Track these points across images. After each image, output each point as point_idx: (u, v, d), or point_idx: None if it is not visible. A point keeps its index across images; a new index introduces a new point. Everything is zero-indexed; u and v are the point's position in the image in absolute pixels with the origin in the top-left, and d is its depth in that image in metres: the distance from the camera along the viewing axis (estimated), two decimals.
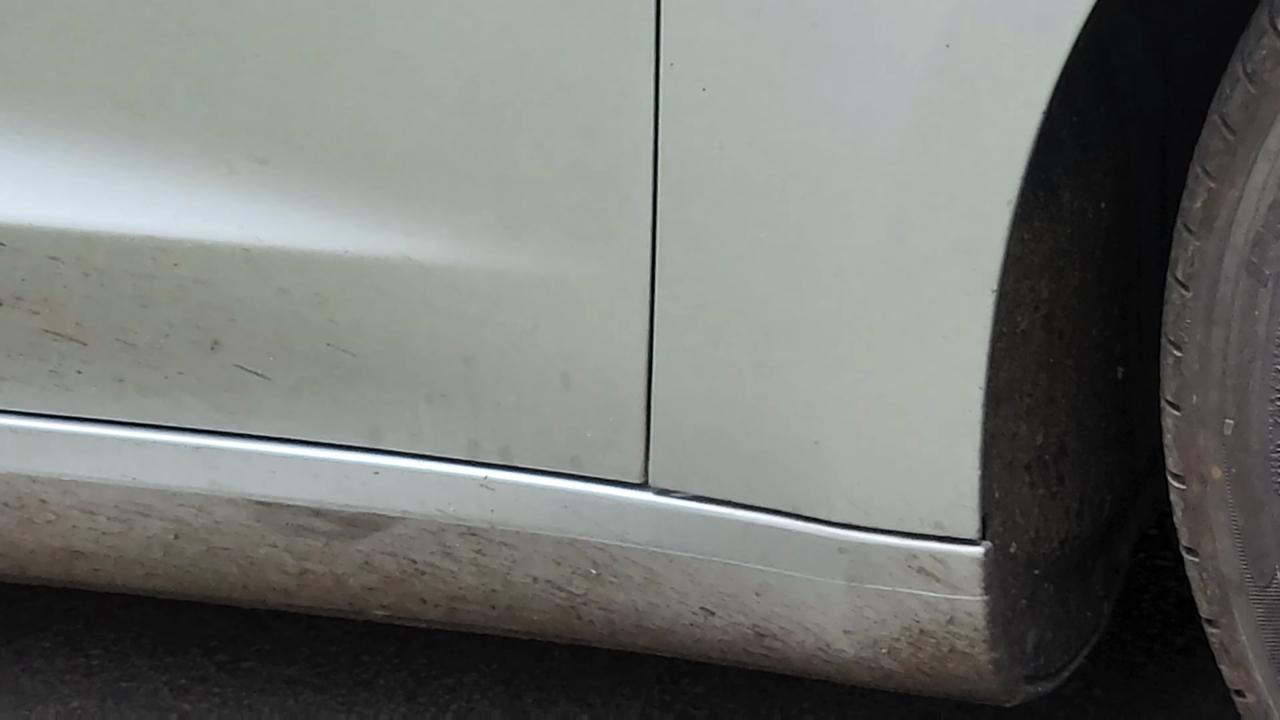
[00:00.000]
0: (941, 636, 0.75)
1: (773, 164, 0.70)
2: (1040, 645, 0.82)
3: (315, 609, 0.85)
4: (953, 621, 0.73)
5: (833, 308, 0.72)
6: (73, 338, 0.74)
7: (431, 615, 0.84)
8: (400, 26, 0.79)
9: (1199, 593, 0.69)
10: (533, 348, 0.76)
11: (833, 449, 0.74)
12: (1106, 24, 0.63)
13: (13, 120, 0.75)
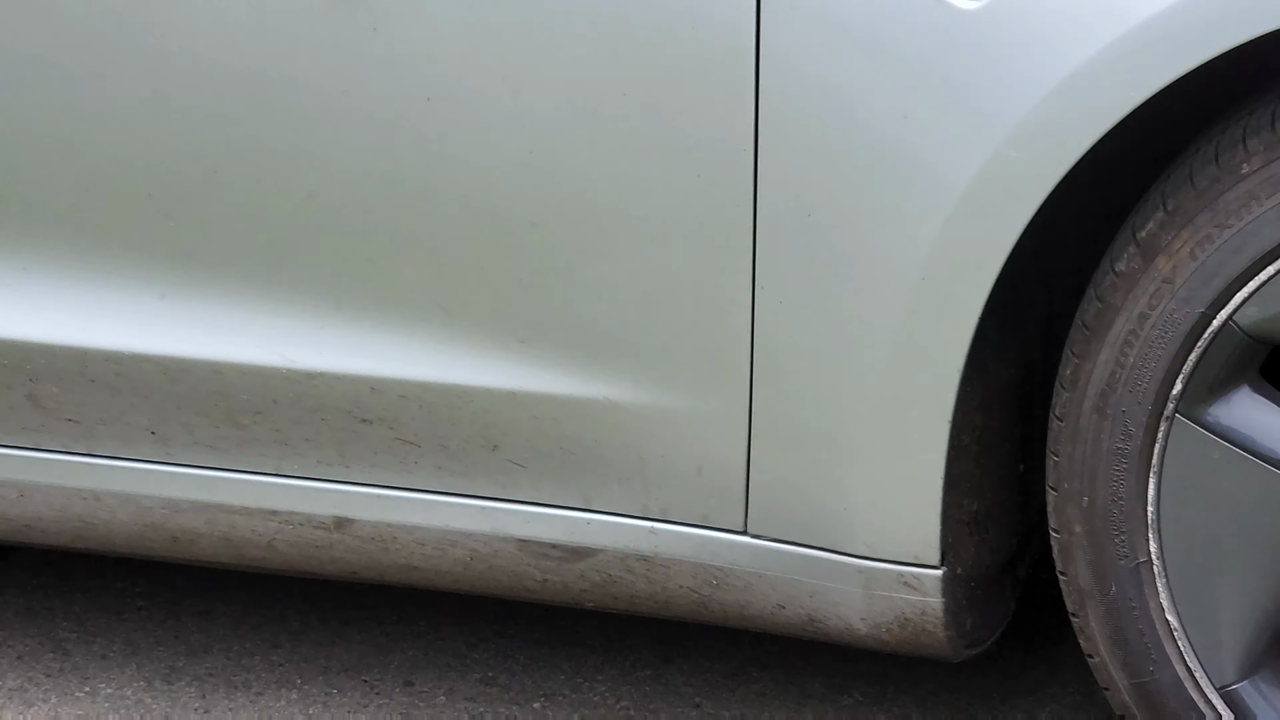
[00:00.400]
0: (918, 622, 1.10)
1: (815, 345, 1.04)
2: (974, 626, 1.16)
3: (551, 603, 1.28)
4: (924, 614, 1.10)
5: (852, 431, 1.08)
6: (412, 443, 1.24)
7: (620, 606, 1.24)
8: (616, 258, 1.17)
9: (1067, 598, 1.06)
10: (679, 452, 1.12)
11: (855, 514, 1.08)
12: (1014, 268, 0.98)
13: (400, 324, 1.25)
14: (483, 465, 1.25)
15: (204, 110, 1.24)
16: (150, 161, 1.30)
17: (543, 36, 1.12)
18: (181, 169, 1.29)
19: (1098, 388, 0.99)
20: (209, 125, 1.25)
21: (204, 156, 1.26)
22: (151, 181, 1.30)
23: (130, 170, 1.32)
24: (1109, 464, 1.02)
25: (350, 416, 1.31)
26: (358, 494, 1.34)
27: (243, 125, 1.24)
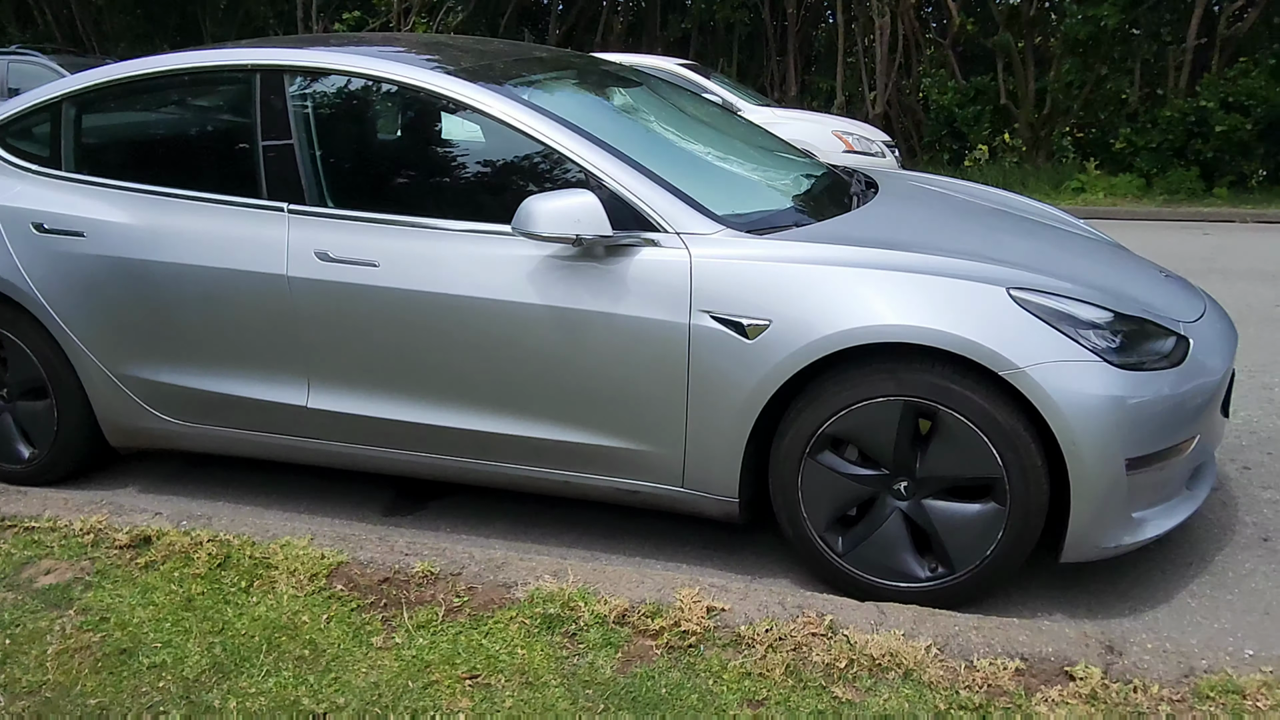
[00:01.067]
0: (734, 510, 2.83)
1: (706, 420, 2.74)
2: (745, 512, 2.92)
3: (600, 500, 3.14)
4: (735, 509, 2.83)
5: (716, 451, 2.74)
6: (535, 451, 3.02)
7: (630, 504, 3.10)
8: (633, 396, 2.81)
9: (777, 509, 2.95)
10: (650, 468, 2.84)
11: (718, 478, 2.77)
12: (771, 403, 2.82)
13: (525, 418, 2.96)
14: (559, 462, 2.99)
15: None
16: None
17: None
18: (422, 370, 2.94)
19: (789, 440, 2.77)
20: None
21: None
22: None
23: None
24: (788, 468, 2.77)
25: (521, 446, 2.96)
26: (509, 468, 3.02)
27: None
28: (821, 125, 8.68)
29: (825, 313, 2.64)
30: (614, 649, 2.56)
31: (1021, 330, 2.55)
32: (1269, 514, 3.31)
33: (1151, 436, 2.60)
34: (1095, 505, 2.58)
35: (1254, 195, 11.20)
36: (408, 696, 2.41)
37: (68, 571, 2.97)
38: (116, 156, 3.44)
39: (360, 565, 2.92)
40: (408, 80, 3.07)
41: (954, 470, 2.65)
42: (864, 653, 2.46)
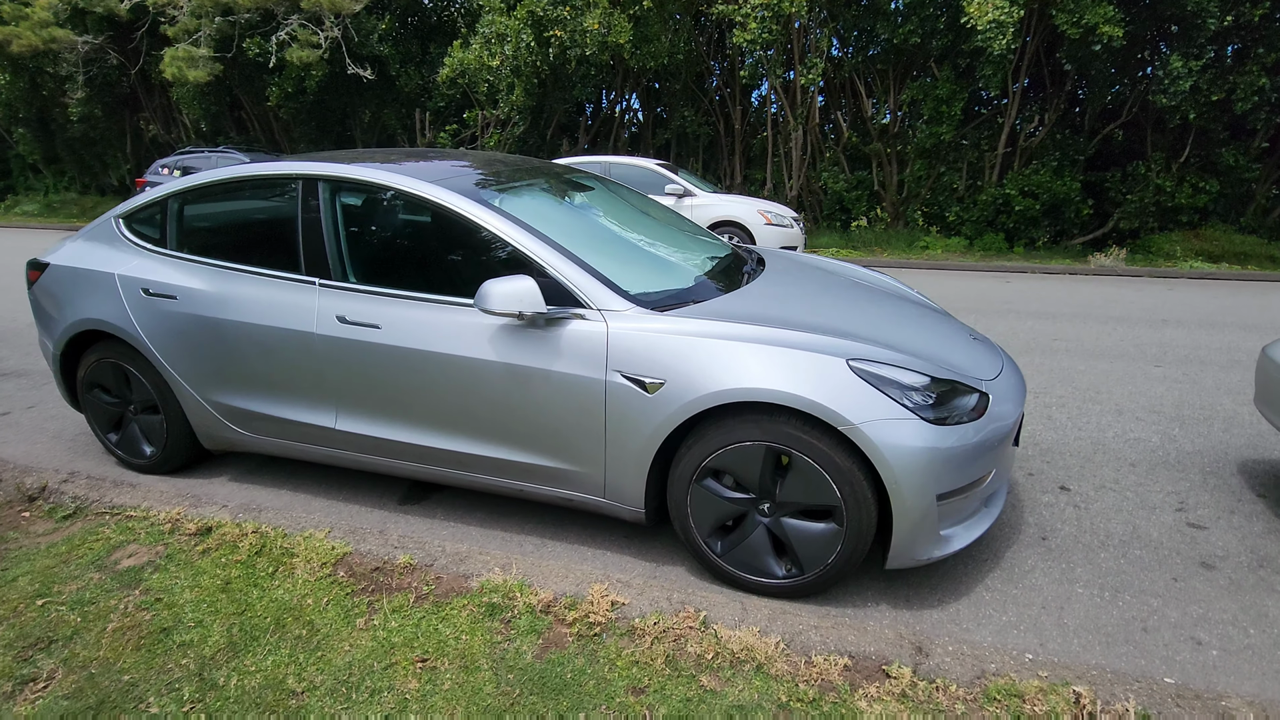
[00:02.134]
0: (637, 517, 2.43)
1: (621, 447, 2.32)
2: (655, 518, 2.55)
3: (545, 503, 2.66)
4: (639, 520, 2.41)
5: (627, 470, 2.25)
6: (497, 466, 2.55)
7: (567, 507, 2.64)
8: (570, 431, 2.37)
9: (674, 518, 2.50)
10: (578, 482, 2.37)
11: (628, 491, 2.30)
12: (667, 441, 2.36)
13: (488, 443, 2.56)
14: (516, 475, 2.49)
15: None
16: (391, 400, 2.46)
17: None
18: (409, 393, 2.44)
19: (681, 469, 2.31)
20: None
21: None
22: (376, 397, 2.47)
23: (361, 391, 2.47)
24: (681, 489, 2.31)
25: (486, 463, 2.47)
26: (480, 477, 2.54)
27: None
28: (749, 205, 8.10)
29: (707, 375, 2.16)
30: (537, 635, 2.08)
31: (856, 394, 2.05)
32: (1046, 515, 2.79)
33: (957, 475, 2.11)
34: (912, 528, 2.09)
35: (1040, 253, 10.64)
36: (371, 677, 1.95)
37: (145, 555, 2.51)
38: (202, 240, 2.95)
39: (360, 556, 2.45)
40: (403, 188, 2.58)
41: (804, 498, 2.16)
42: (727, 646, 1.98)
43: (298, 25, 11.67)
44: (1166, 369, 4.58)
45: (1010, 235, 11.43)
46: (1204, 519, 2.74)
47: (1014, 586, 2.35)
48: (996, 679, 1.84)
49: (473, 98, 12.78)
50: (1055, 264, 9.35)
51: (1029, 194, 11.05)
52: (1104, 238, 11.27)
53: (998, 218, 11.46)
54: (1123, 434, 3.54)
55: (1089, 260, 9.45)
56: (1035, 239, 11.37)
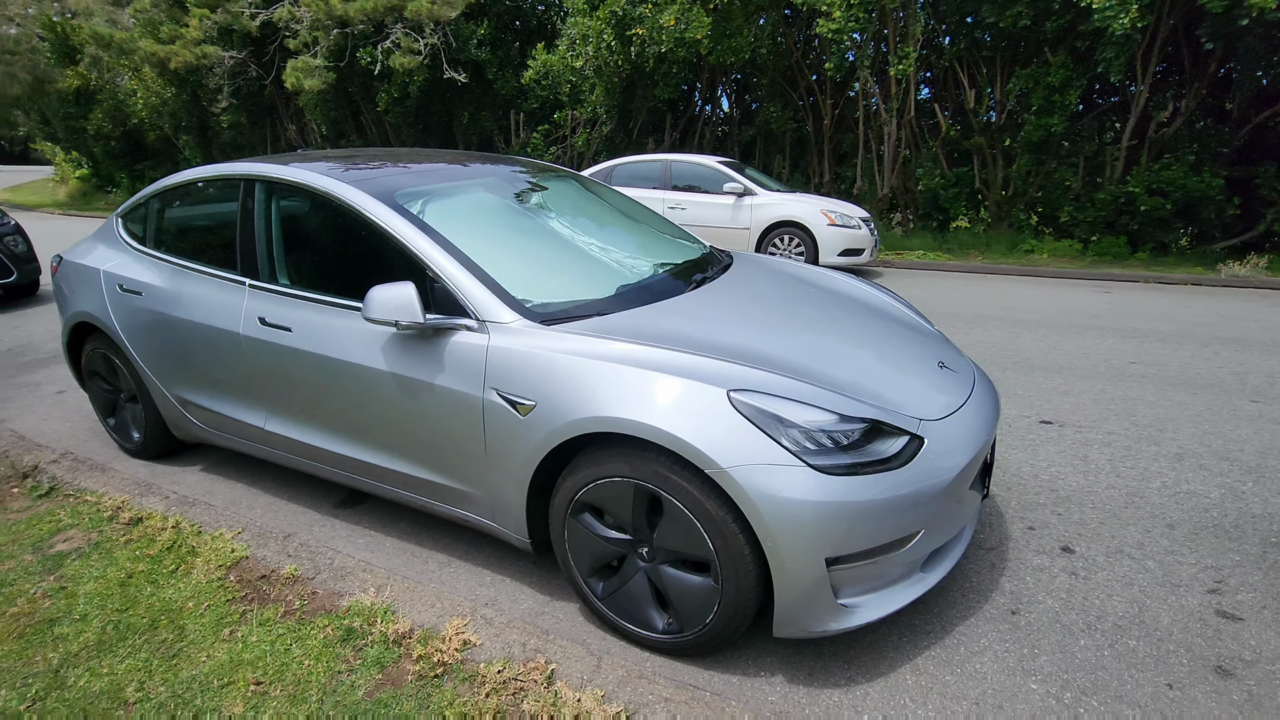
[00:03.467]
0: (524, 546, 2.19)
1: (502, 469, 2.10)
2: (540, 548, 2.23)
3: (450, 522, 2.50)
4: (527, 549, 2.21)
5: (509, 494, 2.04)
6: (399, 479, 2.40)
7: (462, 526, 2.44)
8: (452, 448, 2.19)
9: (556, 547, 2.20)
10: (470, 502, 2.18)
11: (511, 516, 2.07)
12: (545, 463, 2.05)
13: (384, 452, 2.42)
14: (410, 488, 2.34)
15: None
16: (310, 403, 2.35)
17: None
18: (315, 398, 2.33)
19: (558, 501, 2.03)
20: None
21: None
22: (295, 401, 2.36)
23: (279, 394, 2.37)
24: (559, 522, 2.02)
25: (391, 475, 2.31)
26: (389, 489, 2.39)
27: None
28: (812, 205, 7.54)
29: (575, 400, 1.90)
30: (380, 669, 1.92)
31: (731, 431, 1.72)
32: (1030, 583, 2.28)
33: (859, 536, 1.72)
34: (796, 595, 1.73)
35: (1169, 260, 9.22)
36: (205, 695, 1.86)
37: (78, 541, 2.58)
38: (170, 238, 3.03)
39: (254, 561, 2.39)
40: (320, 188, 2.50)
41: (677, 546, 1.85)
42: (562, 709, 1.72)
43: (401, 34, 12.22)
44: (1265, 406, 3.73)
45: (1135, 239, 10.00)
46: (1241, 607, 2.13)
47: (950, 672, 1.91)
48: None
49: (558, 98, 12.87)
50: (1179, 273, 8.05)
51: (1157, 192, 9.60)
52: (1254, 242, 9.61)
53: (1119, 219, 10.06)
54: (1173, 485, 2.88)
55: (1218, 269, 8.06)
56: (1167, 243, 9.87)
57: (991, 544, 2.48)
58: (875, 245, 7.94)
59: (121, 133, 19.56)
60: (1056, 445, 3.25)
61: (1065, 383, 4.12)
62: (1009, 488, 2.87)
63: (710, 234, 7.98)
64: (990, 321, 5.64)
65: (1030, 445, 3.26)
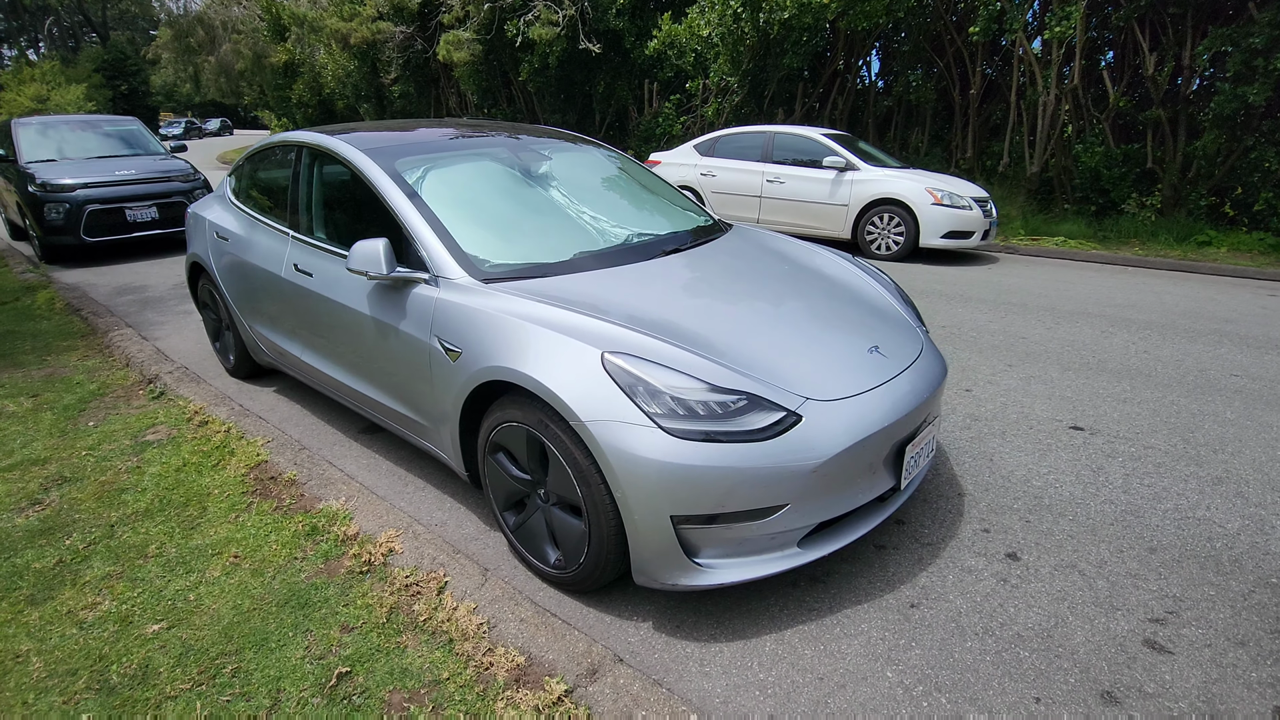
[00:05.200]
0: (465, 476, 2.48)
1: (441, 403, 2.42)
2: (475, 480, 2.50)
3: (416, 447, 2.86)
4: (470, 480, 2.48)
5: (450, 434, 2.42)
6: (378, 406, 2.78)
7: (428, 454, 2.80)
8: (418, 386, 2.55)
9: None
10: (429, 434, 2.55)
11: (449, 449, 2.45)
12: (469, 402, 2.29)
13: (366, 382, 2.82)
14: (392, 419, 2.69)
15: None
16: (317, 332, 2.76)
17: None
18: (326, 334, 2.74)
19: (480, 440, 2.28)
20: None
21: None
22: (317, 337, 2.77)
23: (308, 330, 2.80)
24: (481, 458, 2.29)
25: (378, 406, 2.69)
26: (381, 419, 2.76)
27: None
28: (918, 182, 7.07)
29: (486, 350, 2.14)
30: (324, 560, 2.32)
31: (597, 389, 1.88)
32: (949, 582, 2.21)
33: (703, 500, 1.82)
34: (649, 547, 1.88)
35: None
36: (199, 559, 2.36)
37: (163, 433, 3.25)
38: (249, 194, 3.60)
39: (270, 465, 2.89)
40: (340, 154, 2.90)
41: (559, 490, 2.05)
42: (439, 613, 2.02)
43: (542, 6, 12.79)
44: None
45: None
46: (1178, 642, 1.94)
47: (812, 647, 1.95)
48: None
49: (677, 66, 12.86)
50: None
51: None
52: None
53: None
54: (1187, 509, 2.58)
55: None
56: None
57: (930, 539, 2.41)
58: (992, 228, 7.32)
59: (317, 101, 22.21)
60: (1071, 453, 2.99)
61: (1131, 389, 3.70)
62: (987, 488, 2.72)
63: (806, 211, 7.76)
64: (1088, 318, 5.08)
65: (1041, 450, 3.03)
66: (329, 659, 1.88)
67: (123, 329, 4.76)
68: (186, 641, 1.96)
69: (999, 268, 7.19)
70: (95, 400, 3.64)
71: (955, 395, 3.62)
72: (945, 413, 3.40)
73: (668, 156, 9.00)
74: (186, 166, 7.81)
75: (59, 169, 7.24)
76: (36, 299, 5.70)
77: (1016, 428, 3.24)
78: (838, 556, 2.31)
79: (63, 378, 3.97)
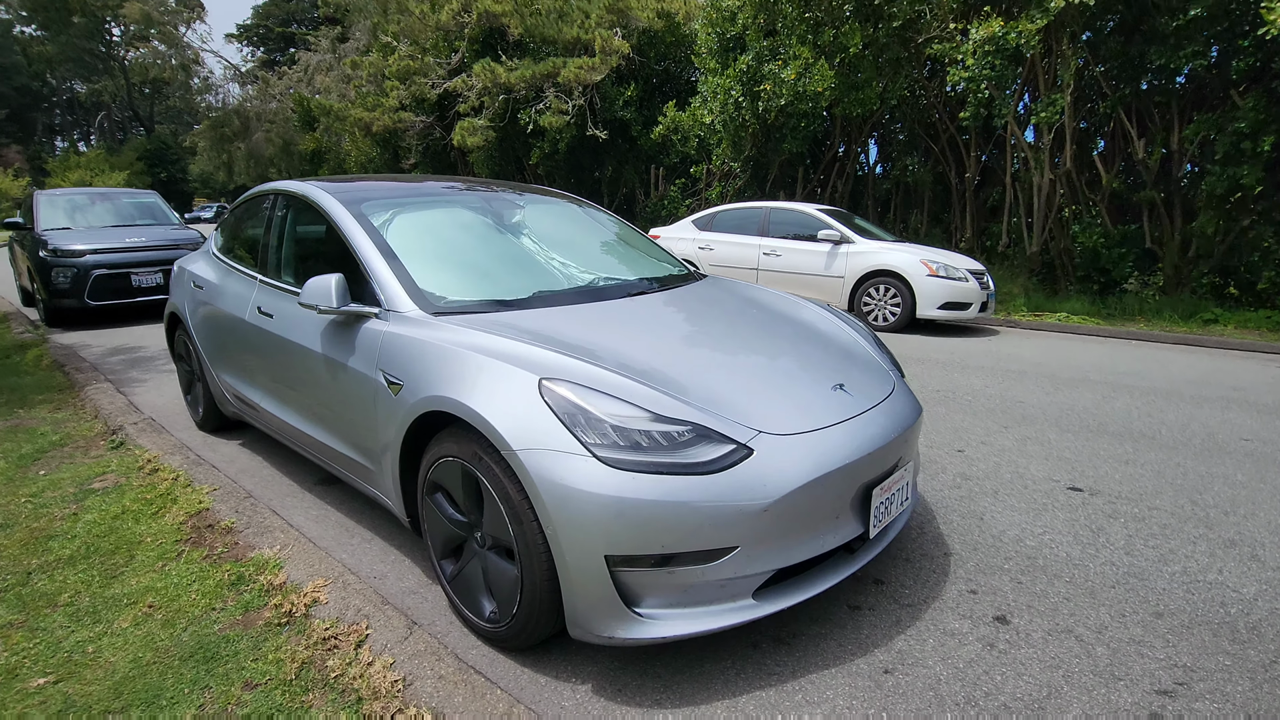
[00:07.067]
0: (405, 521, 2.30)
1: (380, 442, 2.28)
2: (412, 519, 2.32)
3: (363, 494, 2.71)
4: (412, 526, 2.30)
5: (388, 469, 2.27)
6: (326, 451, 2.64)
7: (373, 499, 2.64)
8: (362, 426, 2.43)
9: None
10: (374, 479, 2.40)
11: (389, 487, 2.32)
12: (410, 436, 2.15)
13: (317, 426, 2.69)
14: (341, 464, 2.55)
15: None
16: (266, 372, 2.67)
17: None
18: (283, 377, 2.65)
19: (419, 480, 2.12)
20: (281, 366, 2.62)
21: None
22: (275, 381, 2.68)
23: (267, 375, 2.71)
24: (419, 500, 2.13)
25: (333, 454, 2.56)
26: (336, 468, 2.63)
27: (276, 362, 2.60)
28: (913, 254, 7.09)
29: (425, 381, 2.03)
30: (244, 611, 2.13)
31: (532, 417, 1.74)
32: (929, 646, 1.97)
33: (644, 538, 1.64)
34: (583, 592, 1.69)
35: None
36: (112, 609, 2.17)
37: (110, 481, 3.11)
38: (227, 243, 3.62)
39: (211, 513, 2.74)
40: (309, 197, 2.90)
41: (493, 530, 1.88)
42: (352, 670, 1.81)
43: (553, 96, 13.46)
44: None
45: None
46: (1189, 717, 1.69)
47: (770, 715, 1.71)
48: None
49: (682, 152, 13.32)
50: None
51: None
52: None
53: None
54: (1197, 573, 2.34)
55: None
56: None
57: (910, 600, 2.18)
58: (990, 300, 7.26)
59: None
60: (1069, 513, 2.78)
61: (1135, 451, 3.49)
62: (975, 547, 2.50)
63: (802, 283, 7.77)
64: (1089, 384, 4.91)
65: (1036, 509, 2.81)
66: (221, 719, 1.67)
67: (100, 383, 4.70)
68: (70, 697, 1.76)
69: (998, 339, 7.07)
70: (54, 450, 3.53)
71: (946, 455, 3.43)
72: (935, 472, 3.21)
73: (667, 231, 9.15)
74: (197, 236, 8.01)
75: (70, 236, 7.44)
76: (26, 356, 5.71)
77: (1010, 487, 3.03)
78: (806, 617, 2.09)
79: (28, 428, 3.88)
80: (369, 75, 17.18)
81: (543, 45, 14.24)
